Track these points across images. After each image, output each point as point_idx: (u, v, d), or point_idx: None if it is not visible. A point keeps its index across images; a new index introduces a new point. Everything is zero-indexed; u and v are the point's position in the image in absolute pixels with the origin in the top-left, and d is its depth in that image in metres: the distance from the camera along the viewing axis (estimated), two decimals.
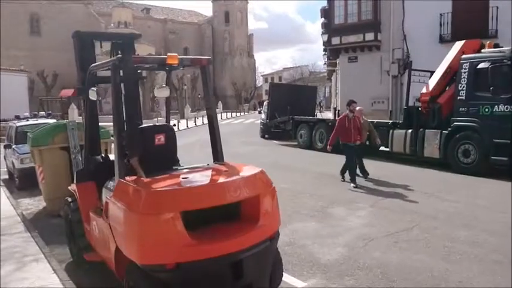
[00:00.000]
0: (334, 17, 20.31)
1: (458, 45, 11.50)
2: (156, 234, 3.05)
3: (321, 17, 26.62)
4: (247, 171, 3.71)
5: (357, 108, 9.65)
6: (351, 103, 9.42)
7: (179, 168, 4.11)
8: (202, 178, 3.51)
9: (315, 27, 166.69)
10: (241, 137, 20.90)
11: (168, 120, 5.16)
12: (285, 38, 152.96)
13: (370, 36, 19.18)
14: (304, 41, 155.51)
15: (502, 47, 10.56)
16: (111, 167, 3.88)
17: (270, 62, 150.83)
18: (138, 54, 4.91)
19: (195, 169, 3.89)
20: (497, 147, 9.60)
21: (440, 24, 17.63)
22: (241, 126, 31.30)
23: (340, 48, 20.42)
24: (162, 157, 4.03)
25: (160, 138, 4.04)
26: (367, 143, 11.09)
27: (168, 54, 3.87)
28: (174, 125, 5.60)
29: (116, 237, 3.45)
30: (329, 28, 21.28)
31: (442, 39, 17.63)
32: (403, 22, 18.71)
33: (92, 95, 4.30)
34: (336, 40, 20.22)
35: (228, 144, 15.40)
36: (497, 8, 16.37)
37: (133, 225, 3.16)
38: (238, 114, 52.03)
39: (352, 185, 8.86)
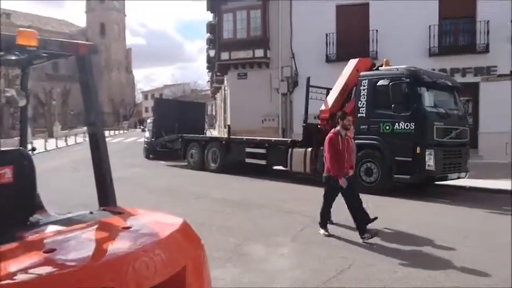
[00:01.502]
0: (222, 32, 19.54)
1: (353, 62, 11.42)
2: None
3: (207, 32, 25.80)
4: (160, 226, 2.27)
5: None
6: (344, 116, 6.52)
7: (41, 222, 2.47)
8: (78, 252, 1.93)
9: (194, 46, 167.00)
10: (122, 157, 18.62)
11: (23, 143, 3.40)
12: (164, 55, 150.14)
13: (259, 52, 18.81)
14: (185, 59, 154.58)
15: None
16: None
17: (149, 79, 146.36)
18: None
19: (68, 224, 2.29)
20: (398, 165, 9.49)
21: (326, 44, 18.00)
22: (122, 145, 28.56)
23: (229, 64, 19.67)
24: (7, 205, 2.37)
25: (4, 174, 2.38)
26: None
27: (20, 29, 2.25)
28: (33, 149, 3.74)
29: None
30: (216, 43, 20.45)
31: (328, 59, 18.00)
32: (291, 40, 18.74)
33: None
34: (225, 55, 19.43)
35: None
36: (377, 31, 17.26)
37: None
38: (116, 132, 48.24)
39: (322, 231, 6.34)
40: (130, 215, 2.46)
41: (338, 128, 6.45)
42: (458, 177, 10.15)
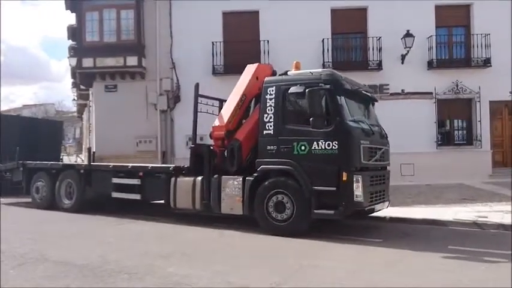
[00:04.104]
0: (85, 34, 15.85)
1: (251, 68, 9.10)
2: None
3: (68, 39, 21.51)
4: None
5: None
6: None
7: None
8: None
9: (61, 64, 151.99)
10: None
11: None
12: (25, 73, 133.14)
13: (132, 60, 15.58)
14: (51, 79, 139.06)
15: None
16: None
17: (8, 99, 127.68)
18: None
19: None
20: (319, 196, 7.24)
21: (213, 54, 15.61)
22: None
23: (94, 73, 15.98)
24: None
25: None
26: None
27: None
28: None
29: None
30: (79, 49, 16.61)
31: (214, 71, 15.61)
32: (172, 47, 15.95)
33: None
34: (88, 62, 15.71)
35: None
36: (268, 41, 15.47)
37: None
38: None
39: None
40: None
41: None
42: (381, 209, 8.32)
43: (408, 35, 14.97)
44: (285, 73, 8.21)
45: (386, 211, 8.79)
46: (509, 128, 16.34)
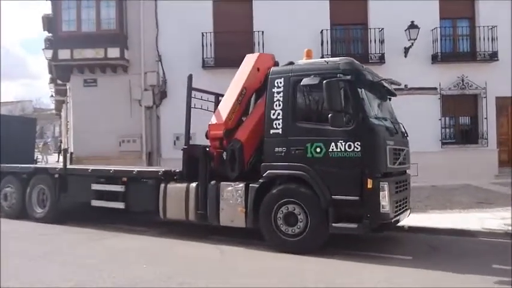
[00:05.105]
0: (61, 23, 14.43)
1: (251, 58, 7.92)
2: None
3: (44, 29, 19.98)
4: None
5: None
6: None
7: None
8: None
9: (40, 61, 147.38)
10: None
11: None
12: (4, 71, 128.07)
13: (114, 52, 14.23)
14: (29, 76, 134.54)
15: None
16: None
17: None
18: None
19: None
20: (339, 207, 6.14)
21: (203, 46, 14.38)
22: None
23: (72, 65, 14.57)
24: None
25: None
26: None
27: None
28: None
29: None
30: (54, 40, 15.18)
31: (205, 64, 14.39)
32: (157, 38, 14.65)
33: None
34: (64, 54, 14.28)
35: None
36: (263, 32, 14.31)
37: None
38: None
39: None
40: None
41: None
42: (404, 219, 7.25)
43: (412, 26, 14.01)
44: (291, 63, 7.05)
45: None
46: None
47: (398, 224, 7.52)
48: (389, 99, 7.95)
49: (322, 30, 14.45)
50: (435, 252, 6.54)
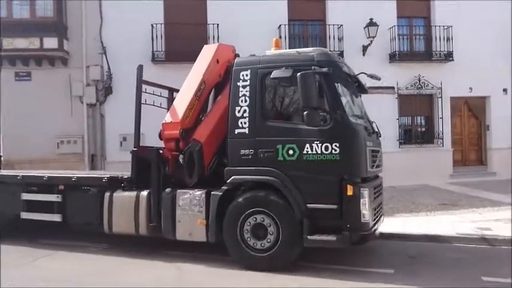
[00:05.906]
0: None
1: (210, 49, 7.01)
2: None
3: None
4: None
5: None
6: None
7: None
8: None
9: None
10: None
11: None
12: None
13: (51, 42, 12.73)
14: None
15: None
16: None
17: None
18: None
19: None
20: (314, 217, 5.40)
21: (152, 38, 13.22)
22: None
23: (1, 56, 12.85)
24: None
25: None
26: None
27: None
28: None
29: None
30: None
31: (154, 58, 13.26)
32: (101, 29, 13.31)
33: None
34: None
35: None
36: (218, 25, 13.40)
37: None
38: None
39: None
40: None
41: None
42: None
43: (372, 23, 13.69)
44: (253, 56, 6.24)
45: None
46: (468, 125, 15.76)
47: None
48: (360, 95, 7.36)
49: (280, 25, 13.78)
50: (416, 263, 6.00)
